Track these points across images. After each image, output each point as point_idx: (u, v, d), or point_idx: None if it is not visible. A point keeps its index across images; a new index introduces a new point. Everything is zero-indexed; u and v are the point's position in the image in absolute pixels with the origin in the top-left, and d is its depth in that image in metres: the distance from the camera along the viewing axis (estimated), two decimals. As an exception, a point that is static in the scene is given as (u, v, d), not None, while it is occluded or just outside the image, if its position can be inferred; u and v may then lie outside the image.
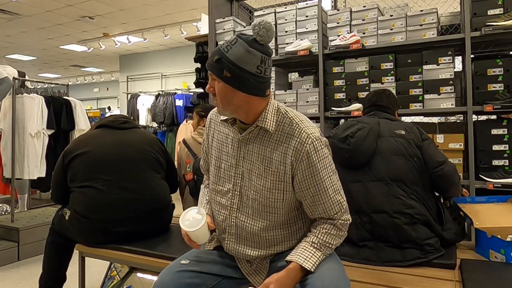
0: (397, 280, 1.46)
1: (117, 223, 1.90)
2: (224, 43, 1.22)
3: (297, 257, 1.18)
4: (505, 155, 2.60)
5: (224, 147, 1.34)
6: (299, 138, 1.21)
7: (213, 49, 1.25)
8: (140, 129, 2.28)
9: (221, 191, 1.36)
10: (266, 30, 1.17)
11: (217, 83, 1.23)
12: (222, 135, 1.36)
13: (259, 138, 1.27)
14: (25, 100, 3.78)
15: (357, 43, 2.96)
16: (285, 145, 1.23)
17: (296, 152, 1.21)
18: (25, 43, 9.09)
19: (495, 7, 2.64)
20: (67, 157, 2.01)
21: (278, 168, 1.24)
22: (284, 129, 1.24)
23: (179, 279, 1.30)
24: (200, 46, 4.31)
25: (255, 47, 1.18)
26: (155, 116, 7.44)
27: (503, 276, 1.44)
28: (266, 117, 1.24)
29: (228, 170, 1.33)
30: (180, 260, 1.38)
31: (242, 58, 1.17)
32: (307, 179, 1.22)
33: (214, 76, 1.23)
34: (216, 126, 1.40)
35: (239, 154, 1.30)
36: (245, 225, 1.31)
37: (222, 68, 1.19)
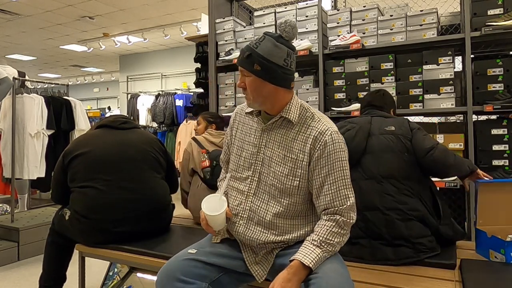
0: (397, 280, 1.46)
1: (117, 223, 1.90)
2: (253, 40, 1.33)
3: (297, 254, 1.22)
4: (505, 155, 2.60)
5: (247, 137, 1.45)
6: (319, 129, 1.32)
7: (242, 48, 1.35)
8: (140, 129, 2.28)
9: (239, 177, 1.44)
10: (291, 28, 1.31)
11: (247, 77, 1.32)
12: (247, 127, 1.47)
13: (282, 128, 1.38)
14: (25, 100, 3.78)
15: (357, 43, 2.96)
16: (306, 134, 1.34)
17: (315, 141, 1.31)
18: (25, 43, 9.09)
19: (495, 7, 2.64)
20: (67, 157, 2.01)
21: (297, 156, 1.33)
22: (306, 121, 1.36)
23: (185, 267, 1.34)
24: (200, 46, 4.31)
25: (282, 42, 1.30)
26: (155, 116, 7.44)
27: (503, 276, 1.44)
28: (290, 109, 1.36)
29: (249, 158, 1.42)
30: (187, 250, 1.42)
31: (270, 52, 1.28)
32: (320, 167, 1.30)
33: (245, 71, 1.32)
34: (241, 118, 1.51)
35: (261, 142, 1.40)
36: (259, 210, 1.37)
37: (253, 62, 1.29)
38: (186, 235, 2.13)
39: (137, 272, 2.21)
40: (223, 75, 3.60)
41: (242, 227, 1.40)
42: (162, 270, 1.35)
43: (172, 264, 1.35)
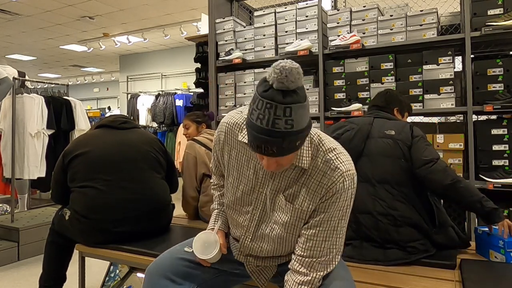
0: (397, 280, 1.46)
1: (117, 223, 1.90)
2: (275, 121, 0.95)
3: None
4: (505, 155, 2.60)
5: (245, 170, 1.24)
6: (332, 177, 1.12)
7: (258, 136, 0.97)
8: (140, 129, 2.28)
9: (239, 210, 1.30)
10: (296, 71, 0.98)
11: (285, 157, 1.05)
12: (242, 156, 1.25)
13: (289, 172, 1.17)
14: (25, 100, 3.78)
15: (357, 43, 2.96)
16: (316, 182, 1.14)
17: (326, 191, 1.13)
18: (25, 43, 9.09)
19: (495, 7, 2.64)
20: (67, 157, 2.01)
21: (302, 206, 1.17)
22: (317, 165, 1.14)
23: (178, 266, 1.30)
24: (200, 46, 4.31)
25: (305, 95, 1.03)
26: (155, 116, 7.45)
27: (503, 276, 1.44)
28: (302, 155, 1.13)
29: (248, 194, 1.26)
30: (183, 246, 1.38)
31: (305, 118, 1.00)
32: (319, 210, 1.15)
33: (285, 156, 1.04)
34: (234, 144, 1.26)
35: (263, 182, 1.21)
36: (258, 247, 1.30)
37: (294, 143, 1.00)
38: (186, 235, 2.13)
39: (137, 272, 2.20)
40: (223, 75, 3.60)
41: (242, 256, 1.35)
42: (153, 264, 1.33)
43: (164, 260, 1.33)
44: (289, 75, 0.95)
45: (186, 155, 2.48)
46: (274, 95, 0.96)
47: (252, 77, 3.48)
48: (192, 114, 2.72)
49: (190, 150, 2.48)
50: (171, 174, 2.24)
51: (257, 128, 0.97)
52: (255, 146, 1.00)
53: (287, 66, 0.95)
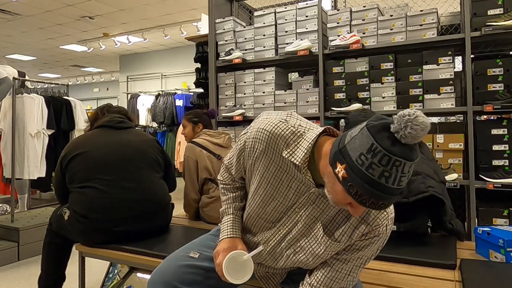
0: (397, 280, 1.46)
1: (117, 222, 1.90)
2: (401, 179, 0.87)
3: None
4: (505, 155, 2.60)
5: (284, 189, 1.14)
6: (377, 218, 1.07)
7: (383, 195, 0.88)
8: (136, 129, 2.28)
9: (263, 223, 1.23)
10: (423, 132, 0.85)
11: None
12: (283, 174, 1.13)
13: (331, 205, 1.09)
14: (25, 100, 3.78)
15: (357, 43, 2.96)
16: (359, 218, 1.08)
17: (368, 231, 1.08)
18: (25, 43, 9.09)
19: (495, 7, 2.64)
20: (65, 159, 2.01)
21: (340, 240, 1.10)
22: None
23: (184, 274, 1.24)
24: (200, 46, 4.31)
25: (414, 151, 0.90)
26: (155, 116, 7.45)
27: (503, 276, 1.44)
28: None
29: (281, 211, 1.17)
30: (188, 251, 1.31)
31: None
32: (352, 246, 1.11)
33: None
34: (276, 158, 1.13)
35: (301, 204, 1.13)
36: (273, 261, 1.25)
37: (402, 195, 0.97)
38: (186, 235, 2.13)
39: (137, 272, 2.20)
40: (223, 75, 3.60)
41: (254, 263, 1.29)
42: (157, 272, 1.26)
43: (169, 269, 1.25)
44: (422, 131, 0.84)
45: (186, 159, 2.43)
46: (404, 151, 0.85)
47: (252, 77, 3.48)
48: (190, 113, 2.68)
49: (190, 153, 2.43)
50: (168, 173, 2.24)
51: (382, 187, 0.86)
52: (367, 201, 0.89)
53: (420, 120, 0.84)
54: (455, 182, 2.64)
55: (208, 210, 2.41)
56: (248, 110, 3.46)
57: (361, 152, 0.87)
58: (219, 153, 2.45)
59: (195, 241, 1.39)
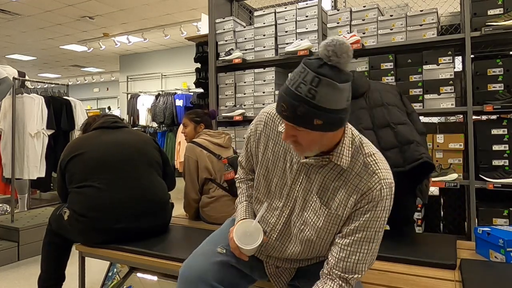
0: (397, 280, 1.46)
1: (117, 221, 1.90)
2: (297, 83, 0.97)
3: None
4: (505, 155, 2.60)
5: (280, 162, 1.21)
6: (369, 182, 1.08)
7: (282, 95, 0.99)
8: (131, 128, 2.30)
9: (269, 205, 1.27)
10: (346, 54, 0.96)
11: (302, 133, 1.02)
12: (280, 148, 1.21)
13: (326, 170, 1.13)
14: (25, 100, 3.78)
15: (357, 43, 2.96)
16: (352, 186, 1.10)
17: (361, 196, 1.09)
18: (25, 43, 9.10)
19: (495, 7, 2.64)
20: (64, 162, 2.03)
21: (337, 210, 1.12)
22: (356, 168, 1.10)
23: (219, 272, 1.21)
24: (200, 46, 4.31)
25: (345, 80, 0.97)
26: (155, 116, 7.45)
27: (503, 276, 1.44)
28: (342, 152, 1.09)
29: (280, 187, 1.22)
30: (213, 247, 1.29)
31: (333, 100, 0.96)
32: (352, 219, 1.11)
33: (299, 127, 1.01)
34: (272, 135, 1.23)
35: (297, 178, 1.17)
36: (282, 246, 1.26)
37: (311, 119, 0.97)
38: (186, 235, 2.13)
39: (137, 272, 2.21)
40: (223, 75, 3.60)
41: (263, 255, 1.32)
42: (190, 268, 1.22)
43: (202, 265, 1.22)
44: (337, 48, 0.94)
45: (187, 159, 2.43)
46: (313, 62, 0.97)
47: (252, 77, 3.48)
48: (191, 113, 2.67)
49: (190, 153, 2.43)
50: (167, 172, 2.25)
51: (284, 87, 1.00)
52: (277, 105, 1.02)
53: (339, 40, 0.94)
54: (455, 182, 2.64)
55: (208, 210, 2.41)
56: (248, 110, 3.46)
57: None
58: (219, 153, 2.44)
59: (216, 233, 1.39)
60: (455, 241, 1.86)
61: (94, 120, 2.27)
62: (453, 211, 3.15)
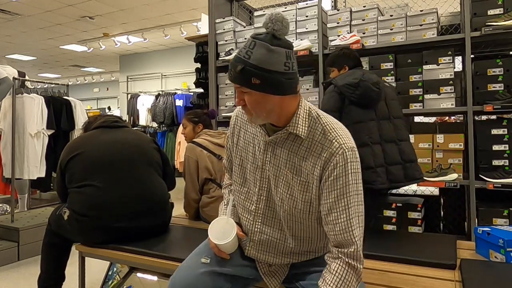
0: (397, 280, 1.46)
1: (117, 220, 1.90)
2: (241, 49, 1.11)
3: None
4: (505, 155, 2.60)
5: (251, 147, 1.29)
6: (330, 148, 1.13)
7: (231, 62, 1.12)
8: (131, 128, 2.30)
9: (247, 193, 1.31)
10: (280, 22, 1.09)
11: (247, 94, 1.12)
12: (249, 135, 1.31)
13: (288, 143, 1.19)
14: (25, 100, 3.78)
15: (357, 43, 2.96)
16: (315, 154, 1.15)
17: (326, 163, 1.13)
18: (25, 43, 9.10)
19: (495, 7, 2.64)
20: (64, 161, 2.03)
21: (306, 178, 1.17)
22: (315, 137, 1.16)
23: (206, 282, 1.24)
24: (200, 46, 4.31)
25: (277, 44, 1.08)
26: (155, 116, 7.45)
27: (503, 276, 1.44)
28: (297, 122, 1.16)
29: (253, 172, 1.27)
30: (198, 258, 1.31)
31: (267, 60, 1.07)
32: (328, 191, 1.13)
33: (241, 87, 1.12)
34: (242, 124, 1.34)
35: (265, 157, 1.23)
36: (268, 232, 1.27)
37: (249, 77, 1.08)
38: (186, 235, 2.13)
39: (137, 272, 2.20)
40: (223, 75, 3.60)
41: (253, 249, 1.31)
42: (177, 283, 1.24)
43: (188, 278, 1.24)
44: (273, 16, 1.10)
45: (187, 159, 2.43)
46: (257, 33, 1.12)
47: (252, 77, 3.47)
48: (190, 113, 2.68)
49: (191, 153, 2.43)
50: (167, 172, 2.25)
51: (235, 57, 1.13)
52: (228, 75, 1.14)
53: (278, 12, 1.11)
54: (455, 182, 2.64)
55: (208, 210, 2.41)
56: (248, 110, 3.45)
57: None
58: (219, 153, 2.44)
59: (201, 245, 1.40)
60: (455, 241, 1.86)
61: (95, 119, 2.27)
62: (453, 211, 3.15)
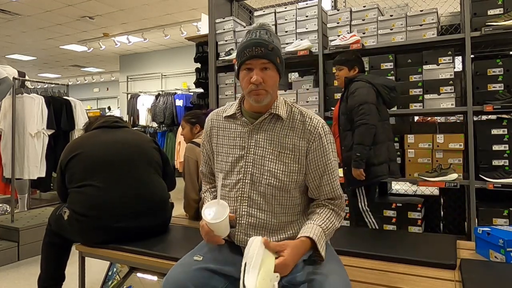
0: (397, 280, 1.46)
1: (117, 218, 1.90)
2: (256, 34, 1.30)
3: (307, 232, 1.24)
4: (505, 155, 2.60)
5: (231, 141, 1.39)
6: (311, 122, 1.33)
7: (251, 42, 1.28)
8: (132, 129, 2.30)
9: (229, 184, 1.38)
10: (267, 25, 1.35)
11: (268, 71, 1.29)
12: (228, 131, 1.41)
13: (271, 126, 1.36)
14: (25, 100, 3.78)
15: (357, 43, 2.96)
16: (299, 129, 1.34)
17: (310, 134, 1.32)
18: (25, 43, 9.10)
19: (495, 7, 2.64)
20: (64, 161, 2.03)
21: (293, 151, 1.33)
22: (295, 117, 1.35)
23: (197, 278, 1.26)
24: (200, 46, 4.31)
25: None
26: (155, 116, 7.45)
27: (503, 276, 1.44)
28: (278, 106, 1.36)
29: (236, 162, 1.37)
30: (191, 256, 1.34)
31: (280, 44, 1.34)
32: (318, 159, 1.32)
33: (269, 64, 1.28)
34: (218, 124, 1.45)
35: (250, 143, 1.36)
36: (254, 214, 1.33)
37: (276, 55, 1.29)
38: (186, 235, 2.13)
39: (137, 272, 2.20)
40: (223, 75, 3.60)
41: (242, 234, 1.35)
42: (170, 280, 1.26)
43: (181, 275, 1.27)
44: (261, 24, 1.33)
45: (186, 159, 2.43)
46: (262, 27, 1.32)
47: (252, 77, 3.47)
48: (188, 114, 2.70)
49: (190, 153, 2.43)
50: (167, 172, 2.25)
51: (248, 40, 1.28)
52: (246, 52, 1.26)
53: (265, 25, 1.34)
54: (455, 182, 2.64)
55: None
56: (248, 110, 3.46)
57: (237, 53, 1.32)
58: None
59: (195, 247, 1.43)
60: (455, 241, 1.86)
61: (96, 120, 2.27)
62: (453, 211, 3.15)
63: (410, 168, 2.91)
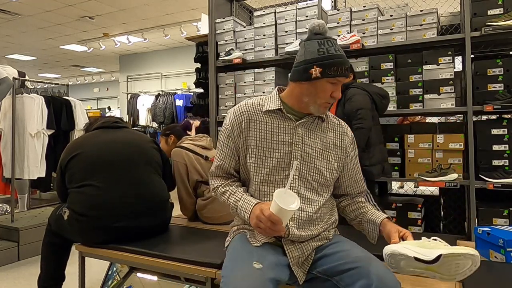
0: (397, 280, 1.46)
1: (117, 218, 1.90)
2: (336, 48, 1.35)
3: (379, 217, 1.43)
4: (505, 155, 2.60)
5: (275, 136, 1.40)
6: (345, 125, 1.52)
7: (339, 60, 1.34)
8: (132, 129, 2.31)
9: (275, 180, 1.39)
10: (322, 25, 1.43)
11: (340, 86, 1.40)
12: (270, 125, 1.42)
13: (314, 125, 1.45)
14: (25, 100, 3.78)
15: (357, 43, 2.96)
16: (337, 130, 1.49)
17: (348, 137, 1.51)
18: (25, 43, 9.10)
19: (495, 7, 2.64)
20: (64, 161, 2.03)
21: (334, 150, 1.45)
22: (330, 119, 1.50)
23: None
24: (200, 46, 4.30)
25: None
26: (155, 116, 7.45)
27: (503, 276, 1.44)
28: None
29: (283, 157, 1.39)
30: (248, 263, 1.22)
31: None
32: (354, 159, 1.53)
33: (345, 80, 1.41)
34: (258, 117, 1.43)
35: (295, 139, 1.40)
36: (304, 207, 1.37)
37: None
38: (186, 235, 2.13)
39: (137, 272, 2.20)
40: (223, 75, 3.60)
41: (295, 229, 1.33)
42: None
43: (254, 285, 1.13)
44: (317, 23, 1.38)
45: (175, 164, 2.42)
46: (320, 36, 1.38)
47: (252, 77, 3.48)
48: (164, 128, 2.80)
49: (178, 158, 2.41)
50: (166, 172, 2.25)
51: (337, 56, 1.33)
52: (338, 69, 1.32)
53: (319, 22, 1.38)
54: (455, 182, 2.64)
55: (205, 212, 2.41)
56: (248, 110, 3.45)
57: (315, 51, 1.34)
58: (205, 154, 2.48)
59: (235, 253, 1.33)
60: (455, 241, 1.86)
61: (96, 120, 2.28)
62: (453, 211, 3.15)
63: (410, 168, 2.91)
